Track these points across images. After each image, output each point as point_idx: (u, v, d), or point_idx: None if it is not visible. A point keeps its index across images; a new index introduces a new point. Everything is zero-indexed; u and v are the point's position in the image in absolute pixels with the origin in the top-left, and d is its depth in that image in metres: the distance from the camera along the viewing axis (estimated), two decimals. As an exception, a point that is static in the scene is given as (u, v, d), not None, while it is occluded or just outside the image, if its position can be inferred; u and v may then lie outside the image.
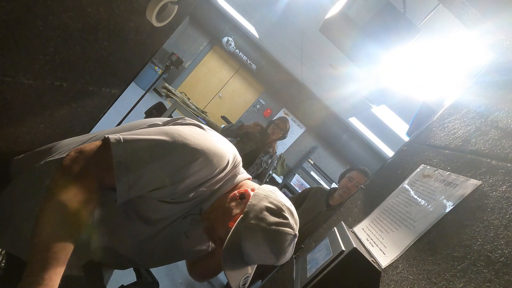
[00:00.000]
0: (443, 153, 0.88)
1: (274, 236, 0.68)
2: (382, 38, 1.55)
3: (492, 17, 1.03)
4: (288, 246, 0.70)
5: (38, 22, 0.70)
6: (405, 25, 1.53)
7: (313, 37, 3.50)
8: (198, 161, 0.67)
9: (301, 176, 6.94)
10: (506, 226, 0.53)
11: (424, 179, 0.86)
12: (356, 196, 1.23)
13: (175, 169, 0.67)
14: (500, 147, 0.69)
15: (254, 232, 0.68)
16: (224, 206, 0.76)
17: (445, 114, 1.07)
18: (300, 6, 3.05)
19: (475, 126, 0.84)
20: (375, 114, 4.21)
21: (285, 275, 1.17)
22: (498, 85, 0.91)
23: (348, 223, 1.08)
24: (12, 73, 0.73)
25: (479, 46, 1.25)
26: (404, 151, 1.16)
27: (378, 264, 0.74)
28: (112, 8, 0.87)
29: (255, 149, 2.71)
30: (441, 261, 0.60)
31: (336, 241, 0.82)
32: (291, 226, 0.71)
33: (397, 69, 2.05)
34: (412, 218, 0.77)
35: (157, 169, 0.66)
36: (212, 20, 6.66)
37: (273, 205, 0.72)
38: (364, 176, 1.99)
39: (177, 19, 1.18)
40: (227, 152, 0.74)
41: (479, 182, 0.66)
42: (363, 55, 1.66)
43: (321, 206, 2.02)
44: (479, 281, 0.50)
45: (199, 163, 0.68)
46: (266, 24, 4.55)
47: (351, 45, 1.65)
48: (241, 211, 0.72)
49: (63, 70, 0.88)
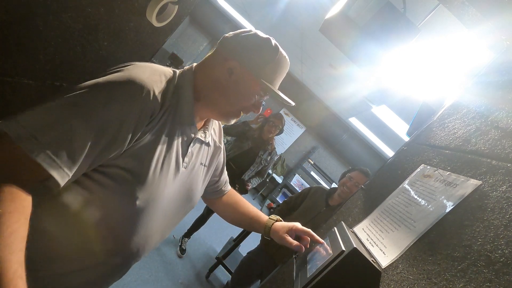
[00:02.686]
0: (443, 153, 0.88)
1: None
2: (382, 38, 1.55)
3: (492, 17, 1.03)
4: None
5: (38, 22, 0.70)
6: (405, 25, 1.53)
7: (313, 37, 3.50)
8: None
9: (301, 176, 6.95)
10: (507, 226, 0.53)
11: (424, 179, 0.86)
12: (356, 196, 1.23)
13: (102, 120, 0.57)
14: (500, 147, 0.69)
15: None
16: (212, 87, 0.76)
17: (445, 114, 1.07)
18: (300, 6, 3.05)
19: (475, 126, 0.84)
20: (375, 114, 4.21)
21: (285, 275, 1.17)
22: (498, 85, 0.91)
23: (348, 223, 1.08)
24: (12, 73, 0.73)
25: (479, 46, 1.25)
26: (404, 151, 1.16)
27: (378, 264, 0.74)
28: (112, 8, 0.87)
29: (253, 147, 2.76)
30: (441, 261, 0.60)
31: (336, 241, 0.82)
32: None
33: (397, 69, 2.05)
34: (412, 218, 0.77)
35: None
36: (212, 20, 6.66)
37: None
38: (364, 176, 1.99)
39: (177, 19, 1.18)
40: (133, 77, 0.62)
41: (479, 182, 0.66)
42: (363, 55, 1.66)
43: (321, 206, 2.02)
44: (479, 281, 0.50)
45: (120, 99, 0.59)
46: (266, 24, 4.54)
47: (351, 45, 1.65)
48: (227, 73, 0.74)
49: (63, 70, 0.88)
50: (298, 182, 6.81)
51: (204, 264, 3.00)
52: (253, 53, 0.74)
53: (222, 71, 0.74)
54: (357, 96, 4.06)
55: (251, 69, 0.74)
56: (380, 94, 3.27)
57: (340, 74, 3.97)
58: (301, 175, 6.95)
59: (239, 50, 0.74)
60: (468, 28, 1.18)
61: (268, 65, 0.75)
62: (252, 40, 0.75)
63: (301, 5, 3.00)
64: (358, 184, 1.95)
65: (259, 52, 0.74)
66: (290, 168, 7.05)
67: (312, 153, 6.93)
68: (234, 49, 0.74)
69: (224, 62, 0.74)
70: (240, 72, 0.74)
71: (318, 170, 6.80)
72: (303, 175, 6.94)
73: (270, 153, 2.84)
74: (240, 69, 0.74)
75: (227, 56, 0.74)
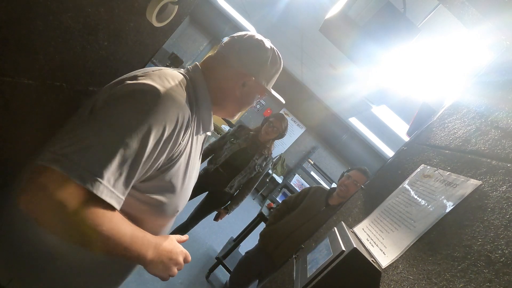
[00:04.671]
0: (443, 153, 0.88)
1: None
2: (382, 38, 1.55)
3: (492, 17, 1.03)
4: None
5: (38, 22, 0.70)
6: (405, 25, 1.53)
7: (313, 37, 3.50)
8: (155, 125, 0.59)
9: (301, 176, 6.95)
10: (507, 226, 0.53)
11: (424, 179, 0.86)
12: (356, 196, 1.23)
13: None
14: (500, 147, 0.69)
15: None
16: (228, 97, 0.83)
17: (445, 114, 1.07)
18: (300, 6, 3.05)
19: (475, 126, 0.84)
20: (375, 114, 4.21)
21: (285, 275, 1.17)
22: (498, 85, 0.91)
23: (348, 223, 1.08)
24: (12, 73, 0.73)
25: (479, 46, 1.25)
26: (404, 151, 1.16)
27: (378, 264, 0.74)
28: (112, 8, 0.87)
29: (246, 148, 2.35)
30: (441, 261, 0.60)
31: (336, 241, 0.82)
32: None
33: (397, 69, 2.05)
34: (412, 218, 0.77)
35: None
36: (212, 20, 6.66)
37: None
38: (362, 175, 1.99)
39: (177, 19, 1.18)
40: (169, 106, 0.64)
41: (479, 182, 0.66)
42: (363, 55, 1.66)
43: (320, 206, 2.02)
44: (479, 281, 0.50)
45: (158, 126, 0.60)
46: (266, 24, 4.55)
47: (351, 45, 1.65)
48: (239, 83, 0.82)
49: (63, 70, 0.88)
50: (298, 182, 6.81)
51: (204, 264, 3.00)
52: (264, 67, 0.84)
53: (237, 84, 0.82)
54: (357, 96, 4.06)
55: (262, 80, 0.85)
56: (380, 94, 3.27)
57: (340, 74, 3.98)
58: (301, 175, 6.95)
59: (252, 65, 0.82)
60: (468, 28, 1.18)
61: (275, 74, 0.89)
62: (263, 54, 0.83)
63: (301, 5, 3.00)
64: (356, 183, 1.95)
65: (269, 65, 0.85)
66: (290, 168, 7.05)
67: (312, 153, 6.93)
68: (248, 64, 0.82)
69: (238, 76, 0.82)
70: (252, 83, 0.84)
71: (318, 170, 6.80)
72: (303, 175, 6.94)
73: (266, 159, 2.40)
74: (253, 82, 0.84)
75: (242, 71, 0.82)
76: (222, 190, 2.38)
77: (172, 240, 0.75)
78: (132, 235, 0.61)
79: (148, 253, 0.65)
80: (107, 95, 0.64)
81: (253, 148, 2.37)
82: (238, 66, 0.81)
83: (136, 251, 0.62)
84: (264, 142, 2.38)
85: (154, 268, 0.68)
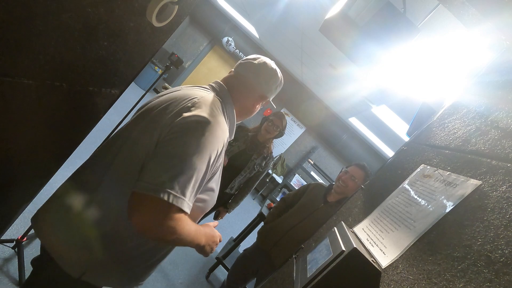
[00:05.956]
0: (443, 153, 0.88)
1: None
2: (382, 38, 1.55)
3: (492, 17, 1.03)
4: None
5: (38, 22, 0.70)
6: (405, 25, 1.53)
7: (313, 37, 3.50)
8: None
9: (301, 176, 6.95)
10: (506, 226, 0.53)
11: (424, 179, 0.86)
12: (356, 196, 1.23)
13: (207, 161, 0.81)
14: (500, 147, 0.69)
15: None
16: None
17: (445, 114, 1.07)
18: (300, 6, 3.05)
19: (475, 126, 0.84)
20: (375, 114, 4.21)
21: (285, 275, 1.17)
22: (498, 85, 0.91)
23: (348, 223, 1.08)
24: (12, 73, 0.73)
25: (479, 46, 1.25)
26: (404, 151, 1.16)
27: (378, 264, 0.74)
28: (112, 8, 0.87)
29: (244, 150, 2.34)
30: (441, 261, 0.60)
31: (336, 241, 0.82)
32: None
33: (397, 69, 2.05)
34: (412, 218, 0.77)
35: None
36: (212, 20, 6.66)
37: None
38: (360, 170, 1.95)
39: (177, 19, 1.18)
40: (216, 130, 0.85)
41: (479, 182, 0.66)
42: (363, 55, 1.66)
43: (319, 202, 2.00)
44: (479, 281, 0.50)
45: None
46: (266, 24, 4.55)
47: (351, 45, 1.65)
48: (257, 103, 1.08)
49: (63, 70, 0.88)
50: (298, 182, 6.81)
51: (204, 264, 3.00)
52: (276, 90, 1.11)
53: (256, 103, 1.07)
54: (357, 96, 4.06)
55: (271, 98, 1.12)
56: (380, 94, 3.27)
57: (340, 74, 3.97)
58: (301, 175, 6.95)
59: (269, 90, 1.07)
60: (468, 28, 1.18)
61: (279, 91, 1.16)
62: (276, 80, 1.08)
63: (301, 5, 2.99)
64: (354, 178, 1.92)
65: (279, 87, 1.11)
66: (290, 168, 7.05)
67: (312, 153, 6.93)
68: (267, 90, 1.06)
69: (259, 97, 1.06)
70: (266, 101, 1.12)
71: (318, 170, 6.80)
72: (303, 175, 6.95)
73: (266, 158, 2.37)
74: (267, 100, 1.11)
75: (262, 94, 1.06)
76: (223, 191, 2.39)
77: (211, 227, 0.98)
78: (195, 230, 0.83)
79: (202, 241, 0.88)
80: (170, 128, 0.80)
81: (252, 149, 2.36)
82: (259, 90, 1.04)
83: (197, 241, 0.85)
84: (263, 142, 2.37)
85: (204, 251, 0.91)
